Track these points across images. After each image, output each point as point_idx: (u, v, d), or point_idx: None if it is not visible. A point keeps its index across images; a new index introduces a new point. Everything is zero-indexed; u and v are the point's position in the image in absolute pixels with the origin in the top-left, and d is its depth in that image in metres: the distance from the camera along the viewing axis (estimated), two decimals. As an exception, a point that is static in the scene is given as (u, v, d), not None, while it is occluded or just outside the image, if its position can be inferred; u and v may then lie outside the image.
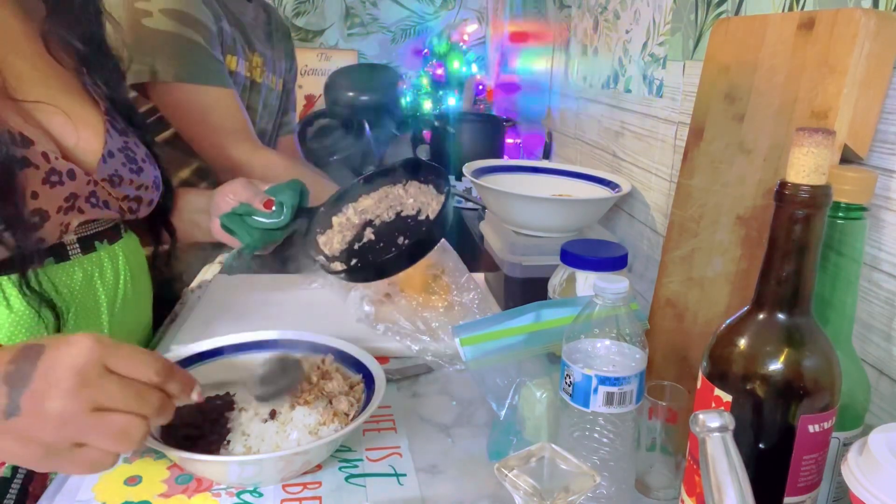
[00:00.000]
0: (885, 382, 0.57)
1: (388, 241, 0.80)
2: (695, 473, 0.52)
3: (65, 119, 0.74)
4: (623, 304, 0.57)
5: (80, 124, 0.75)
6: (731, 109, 0.68)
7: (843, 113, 0.56)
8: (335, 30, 2.35)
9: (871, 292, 0.58)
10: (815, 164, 0.46)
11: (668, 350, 0.73)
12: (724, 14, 0.85)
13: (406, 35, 2.39)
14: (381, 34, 2.37)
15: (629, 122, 1.13)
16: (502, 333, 0.65)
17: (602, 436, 0.57)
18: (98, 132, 0.78)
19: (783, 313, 0.49)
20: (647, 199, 1.04)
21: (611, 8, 1.24)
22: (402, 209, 0.83)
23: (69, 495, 0.62)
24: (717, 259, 0.67)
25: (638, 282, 1.04)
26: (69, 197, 0.71)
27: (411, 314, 0.90)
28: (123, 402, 0.51)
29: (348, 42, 2.37)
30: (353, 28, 2.36)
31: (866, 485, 0.42)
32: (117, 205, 0.80)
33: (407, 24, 2.38)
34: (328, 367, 0.71)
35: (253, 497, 0.62)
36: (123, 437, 0.51)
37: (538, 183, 1.13)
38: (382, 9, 2.35)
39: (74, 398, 0.49)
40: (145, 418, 0.52)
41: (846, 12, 0.57)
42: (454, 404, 0.78)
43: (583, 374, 0.56)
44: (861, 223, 0.53)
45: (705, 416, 0.44)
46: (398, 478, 0.65)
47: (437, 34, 2.39)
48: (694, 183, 0.72)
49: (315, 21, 2.34)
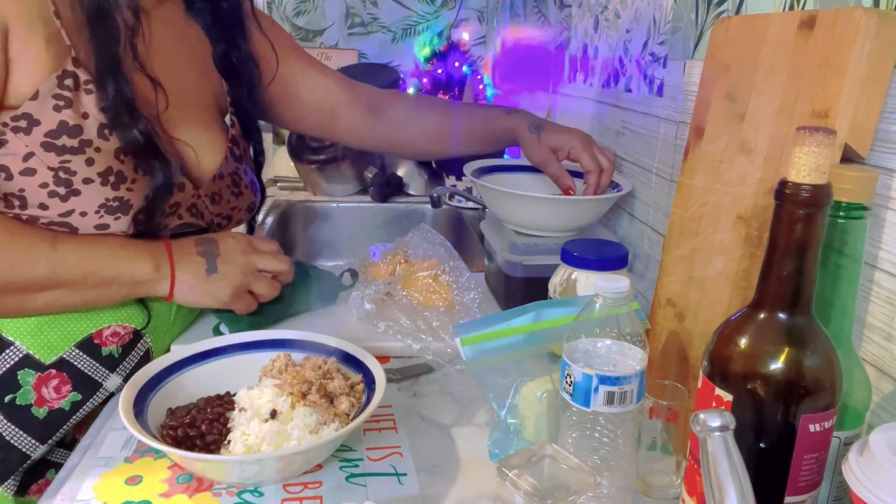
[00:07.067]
0: (886, 382, 0.57)
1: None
2: (695, 473, 0.52)
3: (191, 146, 0.86)
4: (623, 304, 0.57)
5: (203, 148, 0.88)
6: (731, 109, 0.68)
7: (843, 112, 0.56)
8: (335, 29, 2.35)
9: (872, 292, 0.58)
10: (816, 163, 0.46)
11: (669, 349, 0.73)
12: (724, 13, 0.85)
13: (406, 35, 2.38)
14: (382, 34, 2.37)
15: (630, 121, 1.13)
16: (503, 333, 0.65)
17: (603, 435, 0.57)
18: (218, 155, 0.90)
19: (784, 313, 0.49)
20: (647, 199, 1.04)
21: (611, 7, 1.24)
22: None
23: (69, 495, 0.62)
24: (718, 258, 0.67)
25: (638, 281, 1.04)
26: (174, 205, 0.82)
27: (412, 313, 0.90)
28: (270, 266, 0.86)
29: (348, 42, 2.36)
30: (354, 28, 2.35)
31: (867, 484, 0.42)
32: (211, 217, 0.90)
33: (407, 23, 2.37)
34: (329, 367, 0.71)
35: (254, 497, 0.62)
36: (272, 286, 0.87)
37: (538, 183, 1.13)
38: (382, 8, 2.35)
39: (246, 257, 0.84)
40: (276, 280, 0.87)
41: (847, 11, 0.56)
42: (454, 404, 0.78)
43: (583, 374, 0.56)
44: (862, 223, 0.53)
45: (706, 415, 0.44)
46: (399, 477, 0.65)
47: (437, 34, 2.39)
48: (695, 182, 0.72)
49: (315, 21, 2.34)
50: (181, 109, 0.86)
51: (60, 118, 0.72)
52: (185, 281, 0.80)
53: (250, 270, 0.84)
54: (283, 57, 1.04)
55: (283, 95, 1.07)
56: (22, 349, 0.77)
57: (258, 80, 1.01)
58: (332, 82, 1.11)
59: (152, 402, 0.68)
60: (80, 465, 0.66)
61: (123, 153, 0.76)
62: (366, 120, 1.13)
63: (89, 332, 0.80)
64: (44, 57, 0.72)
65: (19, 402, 0.77)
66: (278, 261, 0.87)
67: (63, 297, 0.75)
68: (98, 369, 0.80)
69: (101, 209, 0.75)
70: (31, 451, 0.78)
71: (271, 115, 1.10)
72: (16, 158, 0.71)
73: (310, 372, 0.69)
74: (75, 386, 0.79)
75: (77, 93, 0.73)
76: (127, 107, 0.75)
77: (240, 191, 0.93)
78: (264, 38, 1.01)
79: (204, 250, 0.82)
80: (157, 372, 0.71)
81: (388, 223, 1.84)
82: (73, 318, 0.79)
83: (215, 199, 0.89)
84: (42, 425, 0.78)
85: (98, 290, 0.76)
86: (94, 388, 0.80)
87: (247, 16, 0.99)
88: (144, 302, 0.82)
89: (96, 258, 0.75)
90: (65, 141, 0.72)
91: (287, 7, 2.30)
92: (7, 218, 0.73)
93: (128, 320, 0.82)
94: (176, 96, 0.84)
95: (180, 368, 0.73)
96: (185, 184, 0.84)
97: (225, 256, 0.82)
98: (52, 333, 0.78)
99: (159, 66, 0.82)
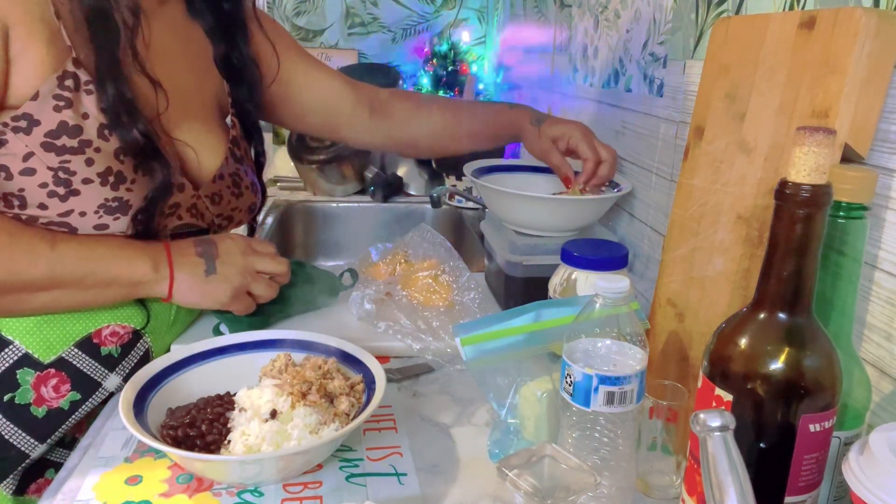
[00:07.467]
0: (886, 382, 0.57)
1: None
2: (695, 473, 0.52)
3: (192, 146, 0.86)
4: (623, 304, 0.57)
5: (203, 149, 0.88)
6: (731, 109, 0.68)
7: (843, 112, 0.56)
8: (335, 29, 2.35)
9: (872, 292, 0.58)
10: (816, 163, 0.46)
11: (669, 349, 0.73)
12: (724, 13, 0.85)
13: (406, 35, 2.38)
14: (382, 34, 2.37)
15: (630, 121, 1.13)
16: (503, 333, 0.65)
17: (603, 435, 0.57)
18: (218, 156, 0.90)
19: (784, 313, 0.49)
20: (647, 199, 1.04)
21: (611, 7, 1.24)
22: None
23: (69, 495, 0.62)
24: (718, 258, 0.67)
25: (638, 281, 1.04)
26: (173, 205, 0.82)
27: (412, 313, 0.90)
28: (268, 267, 0.86)
29: (348, 42, 2.36)
30: (354, 28, 2.36)
31: (867, 484, 0.42)
32: (211, 218, 0.90)
33: (407, 23, 2.37)
34: (329, 367, 0.71)
35: (254, 497, 0.62)
36: (271, 287, 0.87)
37: (538, 183, 1.13)
38: (382, 8, 2.35)
39: (245, 258, 0.84)
40: (273, 281, 0.88)
41: (847, 11, 0.56)
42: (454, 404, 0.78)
43: (583, 374, 0.56)
44: (862, 222, 0.53)
45: (706, 415, 0.44)
46: (399, 477, 0.65)
47: (437, 34, 2.39)
48: (695, 182, 0.72)
49: (315, 21, 2.34)
50: (181, 110, 0.86)
51: (60, 118, 0.72)
52: (183, 282, 0.80)
53: (249, 271, 0.85)
54: (285, 57, 1.04)
55: (284, 96, 1.07)
56: (21, 348, 0.77)
57: (259, 80, 1.01)
58: (334, 82, 1.11)
59: (152, 402, 0.68)
60: (80, 464, 0.66)
61: (123, 153, 0.76)
62: (368, 119, 1.13)
63: (88, 331, 0.80)
64: (44, 57, 0.72)
65: (18, 400, 0.77)
66: (276, 262, 0.87)
67: (62, 297, 0.75)
68: (97, 369, 0.80)
69: (101, 209, 0.75)
70: (30, 451, 0.78)
71: (272, 116, 1.10)
72: (16, 158, 0.71)
73: (310, 372, 0.69)
74: (74, 385, 0.79)
75: (77, 93, 0.73)
76: (127, 107, 0.75)
77: (240, 191, 0.93)
78: (265, 38, 1.01)
79: (203, 251, 0.82)
80: (157, 372, 0.71)
81: (388, 223, 1.84)
82: (73, 317, 0.79)
83: (215, 200, 0.89)
84: (41, 424, 0.78)
85: (97, 291, 0.77)
86: (93, 388, 0.80)
87: (248, 16, 0.99)
88: (144, 302, 0.82)
89: (95, 259, 0.75)
90: (65, 141, 0.72)
91: (287, 7, 2.30)
92: (6, 218, 0.73)
93: (127, 320, 0.82)
94: (176, 97, 0.84)
95: (180, 368, 0.73)
96: (184, 184, 0.84)
97: (224, 257, 0.83)
98: (52, 332, 0.78)
99: (160, 66, 0.82)
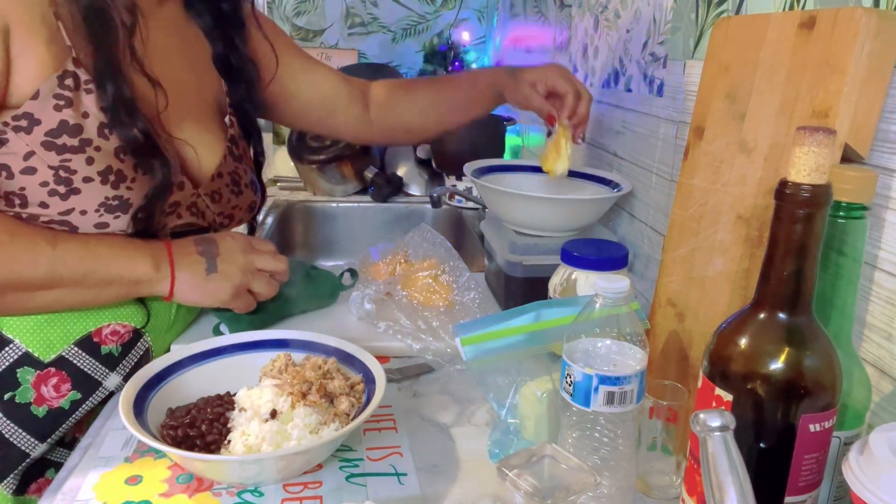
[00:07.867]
0: (886, 382, 0.57)
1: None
2: (695, 473, 0.52)
3: (191, 145, 0.87)
4: (624, 304, 0.57)
5: (202, 148, 0.88)
6: (731, 109, 0.68)
7: (843, 112, 0.56)
8: (335, 29, 2.35)
9: (872, 292, 0.58)
10: (816, 163, 0.46)
11: (669, 349, 0.73)
12: (724, 13, 0.85)
13: (406, 35, 2.38)
14: (381, 34, 2.37)
15: (630, 121, 1.13)
16: (503, 333, 0.65)
17: (603, 435, 0.57)
18: (216, 155, 0.90)
19: (784, 313, 0.49)
20: (647, 199, 1.04)
21: (611, 7, 1.24)
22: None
23: (69, 494, 0.62)
24: (718, 258, 0.67)
25: (638, 281, 1.04)
26: (173, 204, 0.83)
27: (412, 313, 0.90)
28: (268, 265, 0.86)
29: (348, 42, 2.36)
30: (354, 28, 2.36)
31: (867, 484, 0.42)
32: (212, 217, 0.90)
33: (407, 23, 2.37)
34: (329, 367, 0.71)
35: (254, 496, 0.62)
36: (271, 285, 0.87)
37: (538, 183, 1.13)
38: (382, 8, 2.35)
39: (245, 257, 0.84)
40: (274, 279, 0.88)
41: (847, 11, 0.56)
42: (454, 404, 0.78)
43: (583, 374, 0.56)
44: (862, 222, 0.53)
45: (706, 415, 0.44)
46: (399, 477, 0.65)
47: (437, 34, 2.39)
48: (695, 182, 0.72)
49: (315, 21, 2.34)
50: (181, 109, 0.86)
51: (61, 117, 0.72)
52: (184, 280, 0.80)
53: (250, 269, 0.85)
54: (283, 56, 1.05)
55: (282, 94, 1.08)
56: (21, 347, 0.77)
57: (257, 80, 1.01)
58: (330, 79, 1.13)
59: (152, 402, 0.68)
60: (80, 464, 0.66)
61: (123, 152, 0.76)
62: (362, 113, 1.16)
63: (89, 330, 0.80)
64: (44, 57, 0.72)
65: (18, 399, 0.77)
66: (276, 260, 0.88)
67: (63, 296, 0.76)
68: (98, 368, 0.80)
69: (101, 208, 0.75)
70: (31, 450, 0.78)
71: (271, 114, 1.11)
72: (16, 157, 0.71)
73: (310, 372, 0.69)
74: (75, 384, 0.79)
75: (77, 92, 0.73)
76: (126, 106, 0.75)
77: (240, 190, 0.93)
78: (264, 38, 1.02)
79: (203, 250, 0.83)
80: (158, 372, 0.71)
81: (388, 223, 1.84)
82: (73, 316, 0.79)
83: (215, 198, 0.89)
84: (41, 424, 0.78)
85: (98, 290, 0.77)
86: (93, 387, 0.81)
87: (246, 16, 1.00)
88: (144, 301, 0.82)
89: (96, 258, 0.75)
90: (65, 140, 0.72)
91: (287, 7, 2.30)
92: (7, 217, 0.73)
93: (127, 319, 0.82)
94: (175, 96, 0.84)
95: (180, 368, 0.73)
96: (184, 183, 0.84)
97: (224, 256, 0.83)
98: (52, 331, 0.78)
99: (158, 66, 0.83)
